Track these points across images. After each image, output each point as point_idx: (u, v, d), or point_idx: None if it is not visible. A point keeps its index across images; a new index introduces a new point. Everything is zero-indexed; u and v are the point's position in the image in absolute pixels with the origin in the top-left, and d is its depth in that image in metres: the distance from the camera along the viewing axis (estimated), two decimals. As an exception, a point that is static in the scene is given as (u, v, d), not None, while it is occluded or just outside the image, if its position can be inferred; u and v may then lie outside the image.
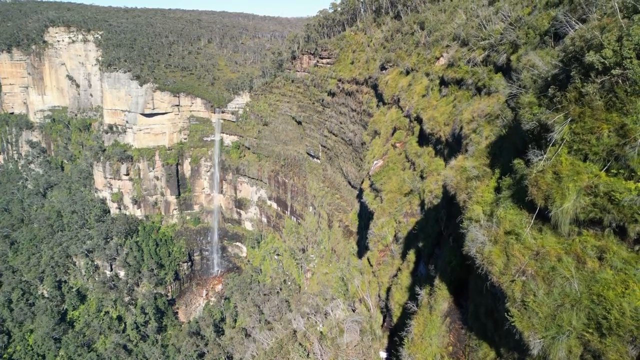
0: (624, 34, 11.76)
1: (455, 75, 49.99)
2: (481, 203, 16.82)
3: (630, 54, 11.27)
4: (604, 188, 11.32)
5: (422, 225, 33.15)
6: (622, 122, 11.44)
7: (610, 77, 11.90)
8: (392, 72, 79.81)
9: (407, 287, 29.48)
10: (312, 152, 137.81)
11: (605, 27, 12.56)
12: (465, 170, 20.97)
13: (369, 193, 60.78)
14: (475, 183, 19.16)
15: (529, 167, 13.88)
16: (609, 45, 11.88)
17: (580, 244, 11.75)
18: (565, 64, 14.32)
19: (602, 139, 11.77)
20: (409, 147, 55.21)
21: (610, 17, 12.99)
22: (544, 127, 13.94)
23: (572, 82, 13.14)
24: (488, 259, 13.66)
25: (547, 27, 35.06)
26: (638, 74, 11.15)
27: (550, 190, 12.54)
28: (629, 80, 11.43)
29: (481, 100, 41.14)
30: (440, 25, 67.62)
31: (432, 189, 40.95)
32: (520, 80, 29.53)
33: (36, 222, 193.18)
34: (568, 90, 13.17)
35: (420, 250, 30.53)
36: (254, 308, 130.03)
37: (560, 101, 13.57)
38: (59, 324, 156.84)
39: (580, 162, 12.25)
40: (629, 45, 11.28)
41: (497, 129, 29.84)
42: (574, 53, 13.88)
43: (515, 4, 45.80)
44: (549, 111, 13.96)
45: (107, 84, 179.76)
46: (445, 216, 23.96)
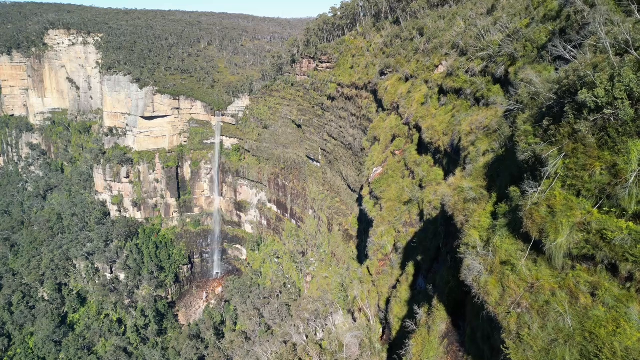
0: (615, 73, 12.08)
1: (454, 85, 50.32)
2: (478, 228, 17.12)
3: (621, 95, 11.59)
4: (596, 225, 11.62)
5: (421, 238, 33.45)
6: (613, 160, 11.74)
7: (602, 116, 12.21)
8: (391, 78, 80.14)
9: (406, 301, 29.77)
10: (312, 155, 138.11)
11: (598, 65, 12.86)
12: (463, 191, 21.27)
13: (368, 200, 61.08)
14: (473, 206, 19.46)
15: (524, 197, 14.18)
16: (601, 84, 12.19)
17: (573, 278, 12.05)
18: (559, 97, 14.63)
19: (595, 176, 12.07)
20: (408, 156, 55.52)
21: (602, 54, 13.29)
22: (539, 160, 14.26)
23: (565, 117, 13.44)
24: (484, 288, 13.95)
25: (544, 41, 35.47)
26: (629, 115, 11.46)
27: (545, 223, 12.85)
28: (620, 120, 11.74)
29: (479, 111, 41.46)
30: (440, 32, 67.95)
31: (430, 200, 41.26)
32: (518, 95, 29.96)
33: (36, 224, 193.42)
34: (562, 125, 13.48)
35: (419, 263, 30.83)
36: (254, 311, 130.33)
37: (554, 135, 13.89)
38: (59, 327, 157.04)
39: (574, 198, 12.55)
40: (620, 87, 11.60)
41: (495, 145, 30.18)
42: (568, 87, 14.20)
43: (513, 15, 46.16)
44: (544, 143, 14.27)
45: (107, 87, 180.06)
46: (444, 233, 24.25)
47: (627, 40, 13.52)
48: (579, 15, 28.78)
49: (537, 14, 40.04)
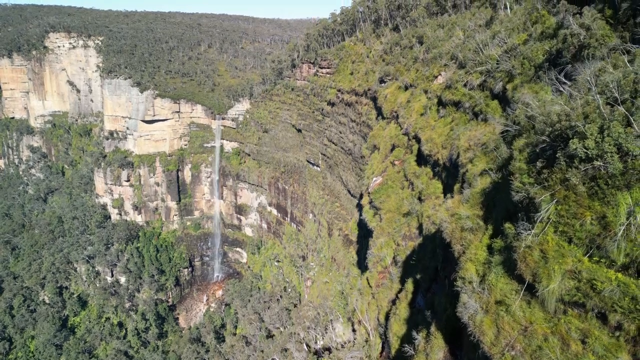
0: (605, 125, 12.50)
1: (452, 97, 50.71)
2: (474, 261, 17.54)
3: (610, 149, 12.01)
4: (586, 275, 12.04)
5: (420, 256, 33.87)
6: (603, 212, 12.16)
7: (592, 166, 12.63)
8: (391, 86, 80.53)
9: (405, 319, 30.19)
10: (312, 160, 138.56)
11: (588, 115, 13.28)
12: (461, 219, 21.70)
13: (368, 210, 61.49)
14: (469, 236, 19.89)
15: (518, 239, 14.60)
16: (591, 135, 12.61)
17: (565, 324, 12.47)
18: (552, 140, 15.05)
19: (585, 225, 12.49)
20: (408, 166, 55.93)
21: (592, 105, 13.69)
22: (532, 202, 14.68)
23: (558, 164, 13.87)
24: (480, 328, 14.37)
25: (541, 59, 35.89)
26: (618, 169, 11.88)
27: (538, 268, 13.27)
28: (609, 173, 12.16)
29: (478, 126, 41.86)
30: (439, 42, 68.33)
31: (429, 214, 41.68)
32: (515, 116, 30.44)
33: (37, 227, 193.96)
34: (554, 172, 13.90)
35: (418, 282, 31.25)
36: (254, 316, 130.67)
37: (547, 179, 14.32)
38: (60, 331, 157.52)
39: (565, 244, 12.97)
40: (610, 141, 12.02)
41: (492, 166, 30.61)
42: (560, 131, 14.63)
43: (511, 29, 46.56)
44: (537, 186, 14.70)
45: (107, 91, 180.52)
46: (442, 257, 24.67)
47: (618, 86, 13.95)
48: (575, 38, 29.22)
49: (535, 30, 40.44)
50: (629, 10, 26.00)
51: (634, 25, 25.43)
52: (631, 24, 25.81)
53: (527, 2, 49.98)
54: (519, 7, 50.81)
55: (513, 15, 49.74)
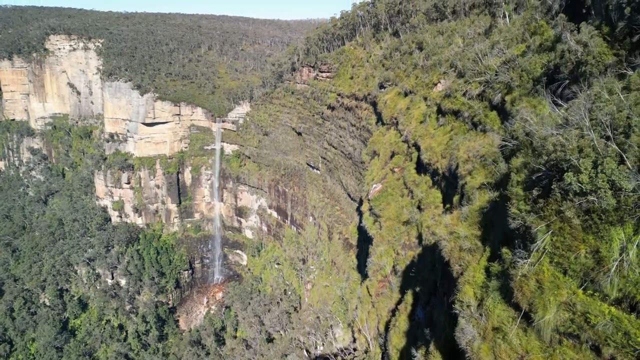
0: (599, 161, 12.82)
1: (452, 107, 51.02)
2: (472, 284, 17.85)
3: (604, 185, 12.32)
4: (580, 307, 12.35)
5: (419, 268, 34.18)
6: (597, 246, 12.47)
7: (586, 200, 12.94)
8: (390, 92, 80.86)
9: (405, 332, 30.51)
10: (312, 163, 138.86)
11: (583, 149, 13.58)
12: (459, 238, 22.02)
13: (368, 217, 61.80)
14: (468, 256, 20.20)
15: (515, 267, 14.91)
16: (585, 170, 12.92)
17: (560, 354, 12.78)
18: (547, 169, 15.37)
19: (580, 258, 12.80)
20: (407, 174, 56.24)
21: (586, 138, 13.99)
22: (529, 231, 14.99)
23: (553, 195, 14.18)
24: (477, 355, 14.68)
25: (539, 73, 36.21)
26: (611, 205, 12.20)
27: (534, 298, 13.58)
28: (602, 208, 12.47)
29: (477, 137, 42.17)
30: (438, 49, 68.66)
31: (429, 225, 41.99)
32: (514, 130, 30.78)
33: (37, 229, 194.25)
34: (550, 202, 14.21)
35: (417, 294, 31.56)
36: (254, 319, 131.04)
37: (543, 208, 14.63)
38: (60, 333, 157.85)
39: (560, 275, 13.29)
40: (603, 177, 12.33)
41: (490, 180, 30.93)
42: (555, 161, 14.94)
43: (510, 40, 46.90)
44: (534, 215, 15.01)
45: (108, 94, 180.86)
46: (441, 273, 24.99)
47: (612, 120, 14.26)
48: (572, 54, 29.53)
49: (534, 42, 40.75)
50: (625, 28, 26.31)
51: (630, 44, 25.74)
52: (628, 43, 26.12)
53: (526, 12, 50.35)
54: (518, 17, 51.18)
55: (512, 25, 50.07)
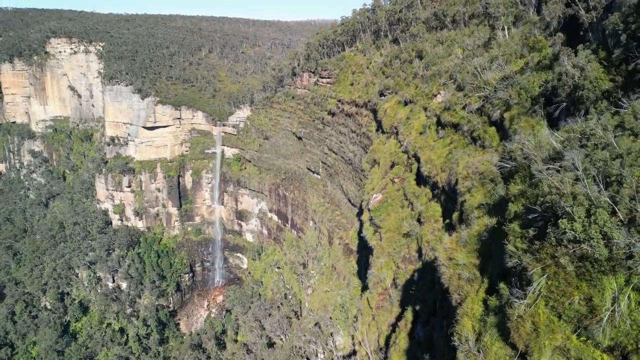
0: (592, 210, 13.29)
1: (451, 119, 51.50)
2: (470, 317, 18.32)
3: (596, 236, 12.79)
4: (574, 353, 12.83)
5: (419, 286, 34.64)
6: (590, 294, 12.96)
7: (580, 248, 13.42)
8: (390, 100, 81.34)
9: (405, 350, 30.97)
10: (313, 167, 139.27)
11: (576, 197, 14.05)
12: (458, 265, 22.49)
13: (368, 227, 62.26)
14: (467, 286, 20.68)
15: (511, 306, 15.38)
16: (579, 219, 13.40)
17: (554, 397, 13.24)
18: (543, 210, 15.84)
19: (574, 304, 13.29)
20: (407, 185, 56.70)
21: (579, 185, 14.44)
22: (525, 271, 15.47)
23: (548, 238, 14.66)
24: (475, 392, 15.14)
25: (537, 92, 36.69)
26: (603, 255, 12.67)
27: (530, 340, 14.06)
28: (595, 257, 12.95)
29: (476, 152, 42.66)
30: (438, 59, 69.13)
31: (429, 239, 42.48)
32: (512, 151, 31.22)
33: (39, 233, 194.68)
34: (545, 246, 14.69)
35: (417, 312, 32.01)
36: (255, 323, 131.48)
37: (539, 250, 15.11)
38: (61, 337, 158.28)
39: (555, 319, 13.76)
40: (596, 228, 12.80)
41: (489, 200, 31.40)
42: (551, 204, 15.41)
43: (509, 55, 47.37)
44: (530, 256, 15.49)
45: (109, 97, 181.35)
46: (440, 296, 25.46)
47: (605, 166, 14.71)
48: (569, 77, 29.98)
49: (532, 59, 41.23)
50: (622, 55, 26.78)
51: (626, 71, 26.21)
52: (624, 69, 26.58)
53: (525, 26, 50.82)
54: (517, 31, 51.64)
55: (511, 39, 50.52)
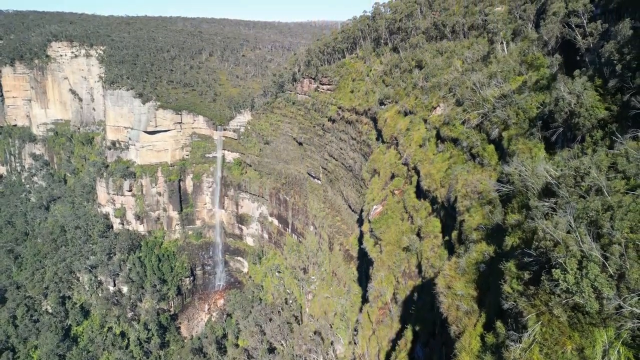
0: (584, 263, 13.83)
1: (451, 134, 52.07)
2: (468, 352, 18.86)
3: (587, 289, 13.33)
4: (566, 402, 13.35)
5: (419, 306, 35.16)
6: (582, 344, 13.50)
7: (572, 299, 13.96)
8: (390, 110, 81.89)
9: (405, 371, 31.51)
10: (313, 173, 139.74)
11: (569, 247, 14.59)
12: (456, 295, 23.03)
13: (368, 239, 62.79)
14: (465, 319, 21.22)
15: (507, 349, 15.92)
16: (571, 271, 13.94)
17: None
18: (537, 255, 16.39)
19: (567, 354, 13.82)
20: (407, 198, 57.23)
21: (571, 234, 14.99)
22: (520, 314, 16.00)
23: (542, 286, 15.20)
24: None
25: (535, 113, 37.22)
26: (594, 308, 13.21)
27: (524, 386, 14.58)
28: (586, 309, 13.49)
29: (475, 170, 43.21)
30: (438, 70, 69.69)
31: (428, 256, 43.02)
32: (510, 175, 31.82)
33: (40, 237, 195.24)
34: (539, 293, 15.23)
35: (417, 333, 32.55)
36: (255, 328, 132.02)
37: (534, 295, 15.66)
38: (63, 341, 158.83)
39: (549, 366, 14.28)
40: (588, 282, 13.35)
41: (487, 222, 31.95)
42: (545, 249, 15.95)
43: (507, 72, 47.91)
44: (525, 299, 16.03)
45: (110, 102, 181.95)
46: (440, 325, 26.00)
47: (598, 215, 15.26)
48: (566, 103, 30.50)
49: (530, 78, 41.76)
50: (617, 84, 27.30)
51: (621, 101, 26.71)
52: (619, 99, 27.10)
53: (523, 42, 51.36)
54: (515, 47, 52.17)
55: (509, 56, 51.04)
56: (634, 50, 26.31)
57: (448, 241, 40.75)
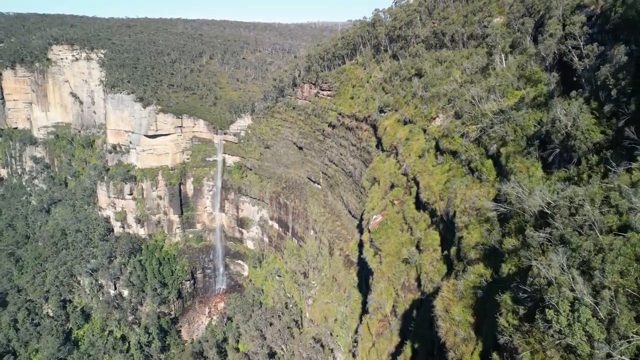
0: (576, 306, 14.26)
1: (450, 146, 52.50)
2: (465, 381, 19.28)
3: (578, 332, 13.77)
4: None
5: (418, 323, 35.59)
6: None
7: (565, 340, 14.39)
8: (390, 118, 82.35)
9: (404, 388, 31.95)
10: (313, 177, 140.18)
11: (561, 287, 15.01)
12: (454, 320, 23.47)
13: (368, 248, 63.20)
14: (462, 346, 21.66)
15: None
16: (564, 312, 14.37)
17: None
18: (532, 291, 16.82)
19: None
20: (407, 209, 57.64)
21: (564, 275, 15.42)
22: (515, 352, 16.43)
23: (536, 324, 15.64)
24: None
25: (532, 130, 37.63)
26: (585, 352, 13.64)
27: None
28: (579, 352, 13.92)
29: (473, 185, 43.62)
30: (437, 80, 70.12)
31: (427, 271, 43.46)
32: (508, 194, 32.21)
33: (41, 240, 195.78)
34: (534, 330, 15.66)
35: (416, 350, 32.97)
36: (256, 332, 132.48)
37: (529, 332, 16.09)
38: (64, 344, 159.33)
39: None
40: (580, 326, 13.78)
41: (485, 241, 32.36)
42: (539, 287, 16.39)
43: (506, 86, 48.34)
44: (520, 335, 16.47)
45: (110, 105, 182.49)
46: (438, 349, 26.44)
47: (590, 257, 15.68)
48: (562, 124, 30.89)
49: (528, 95, 42.15)
50: (612, 109, 27.71)
51: (616, 126, 27.12)
52: (614, 123, 27.51)
53: (522, 56, 51.78)
54: (513, 61, 52.59)
55: (507, 69, 51.47)
56: (629, 77, 26.74)
57: (447, 256, 41.19)
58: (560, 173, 31.21)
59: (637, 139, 22.03)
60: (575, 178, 27.80)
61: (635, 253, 14.24)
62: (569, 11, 45.84)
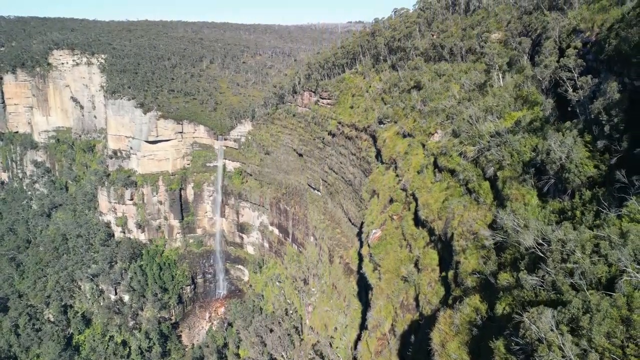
0: None
1: (448, 165, 53.11)
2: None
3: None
4: None
5: (415, 349, 36.15)
6: None
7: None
8: (389, 130, 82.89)
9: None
10: (313, 184, 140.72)
11: (551, 347, 15.59)
12: (450, 358, 24.06)
13: (368, 263, 63.75)
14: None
15: None
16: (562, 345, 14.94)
17: None
18: (524, 343, 17.38)
19: None
20: (406, 225, 58.19)
21: (554, 333, 15.99)
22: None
23: None
24: None
25: (529, 156, 38.20)
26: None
27: None
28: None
29: (471, 206, 44.19)
30: (436, 95, 70.68)
31: (426, 292, 44.03)
32: (504, 220, 32.76)
33: (42, 245, 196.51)
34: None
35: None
36: (256, 339, 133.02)
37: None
38: (65, 350, 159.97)
39: None
40: None
41: (482, 267, 32.93)
42: (530, 340, 16.95)
43: (503, 107, 48.91)
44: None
45: (111, 111, 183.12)
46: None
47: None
48: (557, 158, 31.44)
49: (525, 119, 42.73)
50: (606, 144, 28.29)
51: (609, 162, 27.69)
52: (607, 158, 28.09)
53: (519, 76, 52.37)
54: (511, 80, 53.18)
55: (504, 89, 52.05)
56: (621, 113, 27.31)
57: (444, 278, 41.76)
58: (555, 204, 31.79)
59: (628, 183, 22.60)
60: (569, 213, 28.38)
61: (621, 315, 14.82)
62: (565, 34, 46.50)
